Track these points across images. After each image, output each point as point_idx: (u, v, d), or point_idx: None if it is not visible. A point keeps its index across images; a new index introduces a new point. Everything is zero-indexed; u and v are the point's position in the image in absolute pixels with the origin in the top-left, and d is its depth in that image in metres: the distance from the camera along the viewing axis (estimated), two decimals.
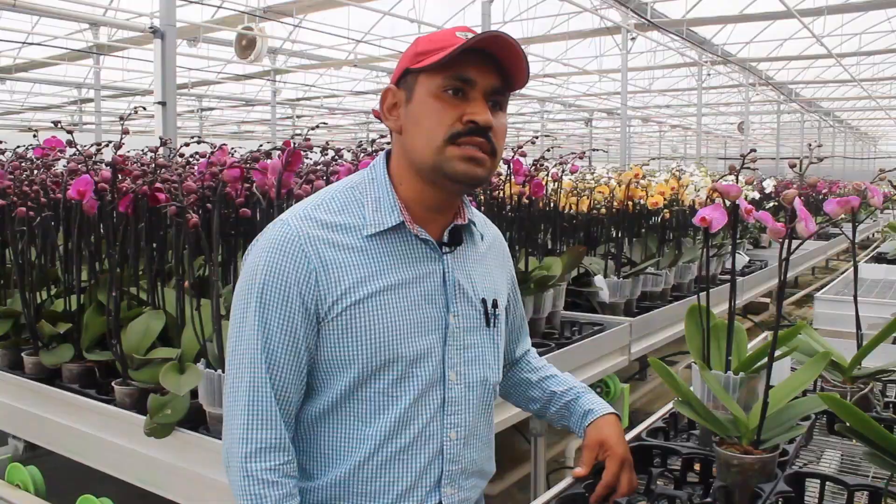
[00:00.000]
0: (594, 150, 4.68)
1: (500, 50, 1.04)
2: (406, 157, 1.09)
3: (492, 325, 1.17)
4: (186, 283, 2.05)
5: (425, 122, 1.05)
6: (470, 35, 1.04)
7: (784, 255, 1.25)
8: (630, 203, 3.80)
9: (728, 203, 1.33)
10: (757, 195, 5.22)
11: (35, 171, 2.59)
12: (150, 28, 5.67)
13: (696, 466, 1.41)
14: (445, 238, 1.12)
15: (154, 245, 2.41)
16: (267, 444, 1.02)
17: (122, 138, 2.18)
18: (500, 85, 1.06)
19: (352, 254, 1.05)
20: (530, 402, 1.38)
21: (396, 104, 1.10)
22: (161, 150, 2.31)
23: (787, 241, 1.23)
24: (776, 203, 5.89)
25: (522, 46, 1.05)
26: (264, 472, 1.01)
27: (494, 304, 1.17)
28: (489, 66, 1.05)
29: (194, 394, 1.85)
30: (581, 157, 3.31)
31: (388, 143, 1.19)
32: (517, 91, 1.11)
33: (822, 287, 4.14)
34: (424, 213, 1.10)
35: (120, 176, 2.20)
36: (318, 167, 2.31)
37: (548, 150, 3.26)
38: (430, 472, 1.10)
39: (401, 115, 1.09)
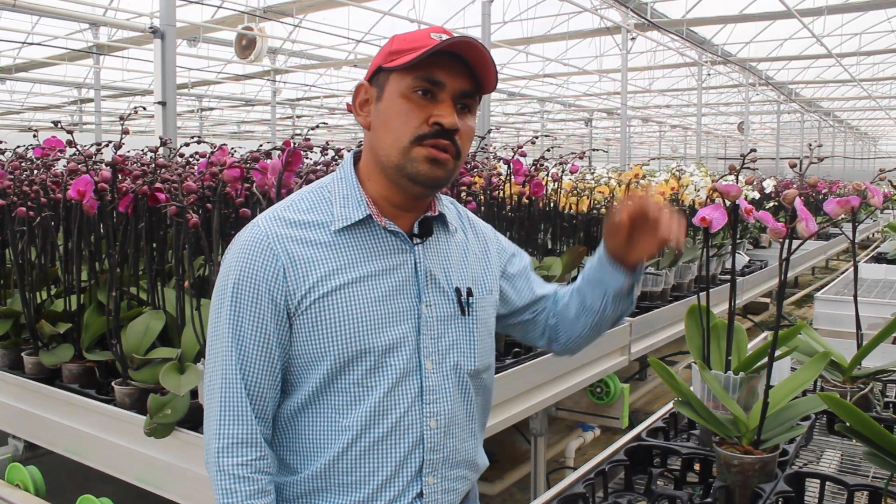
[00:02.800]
0: (594, 150, 4.68)
1: (470, 54, 1.06)
2: (373, 154, 1.11)
3: (467, 313, 1.18)
4: (186, 283, 2.05)
5: (393, 121, 1.07)
6: (444, 37, 1.06)
7: (784, 255, 1.25)
8: None
9: (728, 203, 1.33)
10: (757, 195, 5.22)
11: (35, 171, 2.59)
12: (150, 28, 5.67)
13: (696, 466, 1.41)
14: (415, 230, 1.14)
15: (154, 245, 2.41)
16: (238, 439, 1.04)
17: (122, 138, 2.18)
18: (469, 88, 1.09)
19: (320, 249, 1.07)
20: (578, 318, 1.29)
21: (368, 100, 1.12)
22: (161, 150, 2.30)
23: (787, 241, 1.23)
24: (776, 203, 5.90)
25: (522, 47, 1.06)
26: (236, 467, 1.03)
27: (469, 293, 1.18)
28: (459, 69, 1.07)
29: (194, 394, 1.85)
30: (581, 157, 3.31)
31: None
32: (516, 92, 1.12)
33: (822, 287, 4.14)
34: (392, 209, 1.13)
35: (120, 176, 2.20)
36: (318, 167, 2.31)
37: (548, 150, 3.26)
38: (411, 462, 1.11)
39: (371, 112, 1.11)
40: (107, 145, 2.39)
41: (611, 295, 1.24)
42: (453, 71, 1.06)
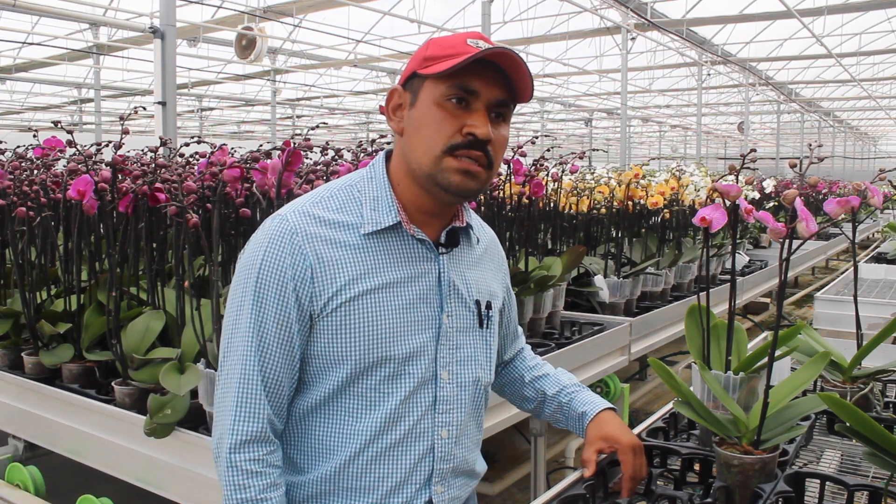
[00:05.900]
0: (594, 150, 4.68)
1: (507, 64, 1.05)
2: (404, 160, 1.10)
3: (485, 326, 1.18)
4: (186, 283, 2.05)
5: (426, 129, 1.06)
6: (482, 43, 1.04)
7: (784, 255, 1.25)
8: (630, 203, 3.80)
9: (728, 203, 1.33)
10: (757, 195, 5.22)
11: (35, 171, 2.59)
12: (150, 28, 5.67)
13: (696, 466, 1.41)
14: (442, 239, 1.13)
15: (154, 245, 2.41)
16: (253, 436, 1.04)
17: (122, 138, 2.18)
18: (504, 97, 1.07)
19: (348, 251, 1.06)
20: (524, 401, 1.40)
21: (401, 105, 1.11)
22: (161, 150, 2.30)
23: (787, 241, 1.23)
24: (776, 203, 5.90)
25: (522, 47, 1.06)
26: (248, 462, 1.03)
27: (488, 306, 1.19)
28: (495, 78, 1.06)
29: (194, 394, 1.85)
30: (581, 157, 3.31)
31: (388, 143, 1.20)
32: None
33: (822, 287, 4.14)
34: (420, 216, 1.12)
35: (120, 176, 2.20)
36: (318, 167, 2.31)
37: (548, 150, 3.26)
38: (421, 470, 1.11)
39: (404, 118, 1.10)
40: (107, 145, 2.39)
41: (561, 425, 1.37)
42: (488, 80, 1.05)
